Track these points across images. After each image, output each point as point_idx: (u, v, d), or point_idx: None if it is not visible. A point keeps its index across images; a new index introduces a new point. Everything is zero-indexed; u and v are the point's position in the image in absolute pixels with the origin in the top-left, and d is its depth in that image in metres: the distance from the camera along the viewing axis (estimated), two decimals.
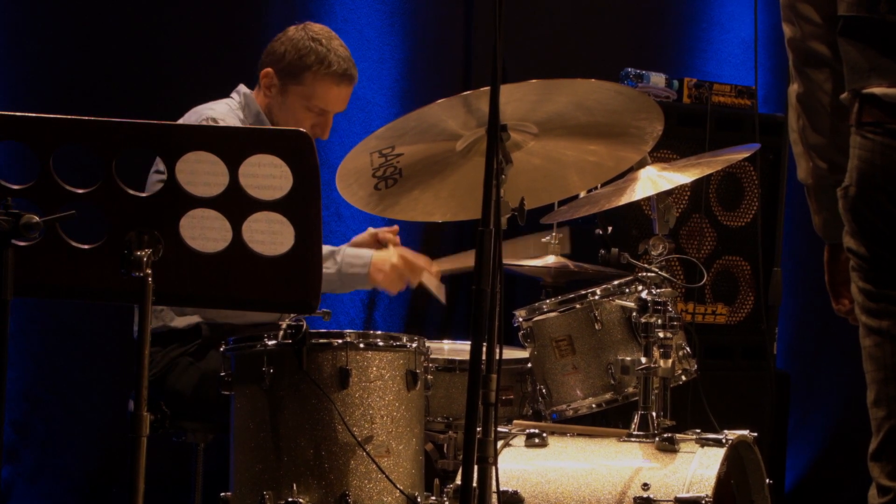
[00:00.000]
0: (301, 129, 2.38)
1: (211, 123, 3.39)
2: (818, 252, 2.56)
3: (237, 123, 3.48)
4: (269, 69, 3.54)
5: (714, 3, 5.29)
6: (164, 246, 2.34)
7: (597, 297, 3.27)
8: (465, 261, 3.54)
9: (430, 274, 3.48)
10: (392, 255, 3.47)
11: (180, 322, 3.40)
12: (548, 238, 3.63)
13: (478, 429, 2.31)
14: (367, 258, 3.46)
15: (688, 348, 3.29)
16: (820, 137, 2.41)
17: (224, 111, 3.49)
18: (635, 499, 2.89)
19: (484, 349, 2.31)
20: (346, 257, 3.47)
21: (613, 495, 2.91)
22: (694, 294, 4.45)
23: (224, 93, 3.62)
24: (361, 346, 2.92)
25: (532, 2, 4.94)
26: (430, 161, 2.86)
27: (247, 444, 2.90)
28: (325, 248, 3.48)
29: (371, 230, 3.58)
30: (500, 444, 3.06)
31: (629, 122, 2.87)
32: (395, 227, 3.57)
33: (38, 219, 2.24)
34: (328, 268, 3.42)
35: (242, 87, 3.59)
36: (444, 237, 4.82)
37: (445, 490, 3.04)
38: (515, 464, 3.04)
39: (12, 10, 4.07)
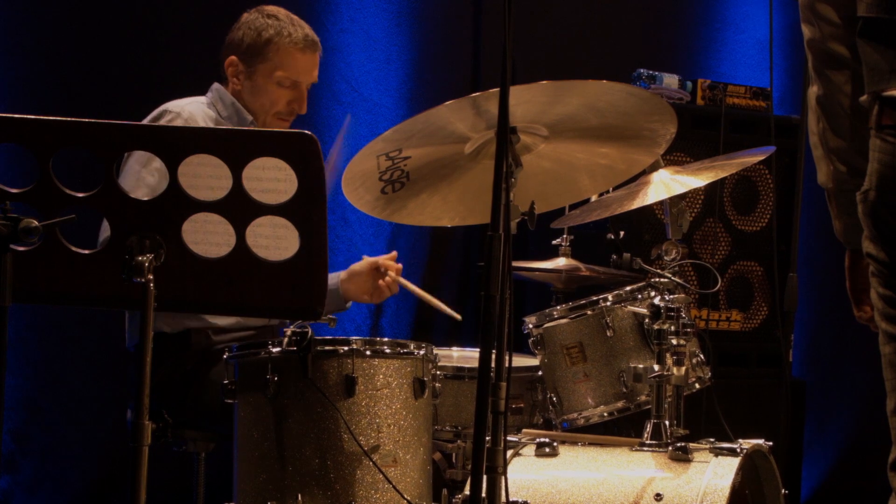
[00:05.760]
0: (307, 132, 2.36)
1: (167, 115, 3.37)
2: (835, 257, 2.53)
3: (202, 114, 3.45)
4: (232, 57, 3.53)
5: (728, 3, 5.27)
6: (166, 251, 2.33)
7: (608, 304, 3.24)
8: (424, 295, 3.57)
9: (397, 274, 3.50)
10: (364, 268, 3.52)
11: (166, 328, 3.36)
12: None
13: (487, 438, 2.29)
14: (339, 274, 3.55)
15: (701, 356, 3.27)
16: (840, 140, 2.39)
17: (185, 103, 3.47)
18: None
19: (493, 356, 2.29)
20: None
21: None
22: (708, 300, 4.43)
23: None
24: (368, 353, 2.89)
25: (542, 1, 4.90)
26: (438, 164, 2.84)
27: (251, 453, 2.88)
28: None
29: (367, 259, 3.55)
30: (509, 453, 3.04)
31: (641, 124, 2.85)
32: (394, 254, 3.55)
33: (37, 223, 2.23)
34: None
35: (215, 84, 3.57)
36: (452, 242, 4.78)
37: (454, 500, 3.03)
38: (525, 474, 3.02)
39: (11, 10, 4.05)
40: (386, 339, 2.98)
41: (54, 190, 2.31)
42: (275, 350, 2.87)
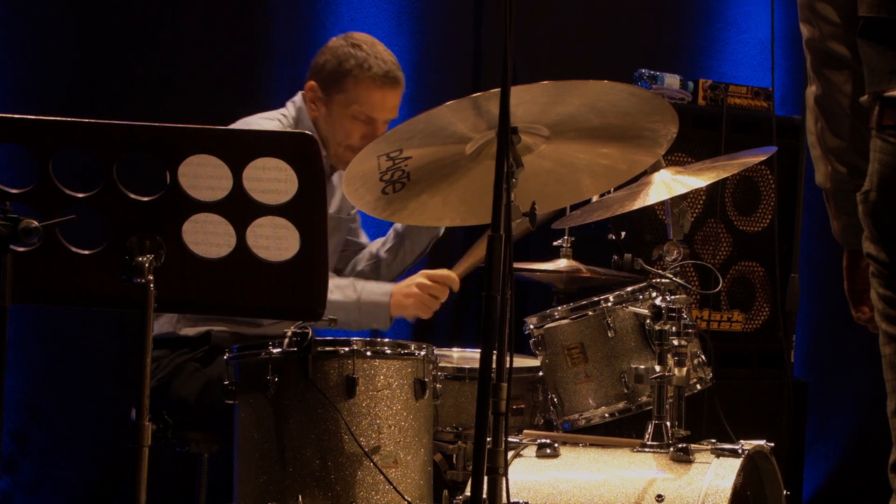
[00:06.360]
0: (306, 132, 2.35)
1: None
2: (836, 257, 2.53)
3: None
4: (312, 82, 3.53)
5: (730, 3, 5.26)
6: (166, 251, 2.33)
7: (610, 304, 3.23)
8: (477, 255, 3.55)
9: (455, 283, 3.49)
10: (412, 281, 3.50)
11: (189, 331, 3.37)
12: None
13: (488, 439, 2.28)
14: (388, 287, 3.51)
15: (703, 356, 3.26)
16: (839, 140, 2.38)
17: (270, 127, 3.45)
18: None
19: (494, 357, 2.28)
20: (366, 286, 3.51)
21: None
22: (709, 301, 4.42)
23: (225, 93, 3.59)
24: (368, 353, 2.89)
25: (542, 1, 4.90)
26: (439, 164, 2.83)
27: (251, 454, 2.87)
28: (344, 280, 3.54)
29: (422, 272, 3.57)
30: (510, 454, 3.03)
31: (643, 124, 2.84)
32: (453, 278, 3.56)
33: (37, 224, 2.22)
34: (348, 296, 3.42)
35: (298, 99, 3.56)
36: (453, 243, 4.77)
37: (455, 501, 3.02)
38: (526, 475, 3.01)
39: (11, 10, 4.05)
40: (387, 340, 2.97)
41: (54, 190, 2.31)
42: (275, 351, 2.87)
